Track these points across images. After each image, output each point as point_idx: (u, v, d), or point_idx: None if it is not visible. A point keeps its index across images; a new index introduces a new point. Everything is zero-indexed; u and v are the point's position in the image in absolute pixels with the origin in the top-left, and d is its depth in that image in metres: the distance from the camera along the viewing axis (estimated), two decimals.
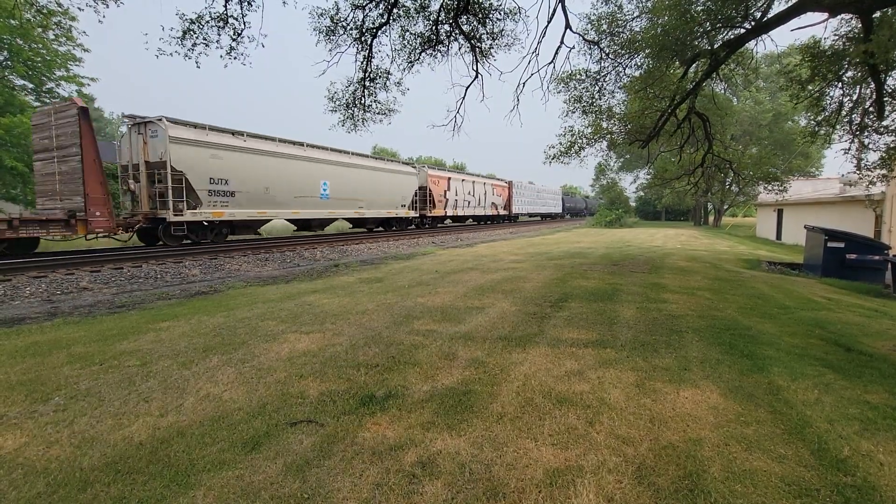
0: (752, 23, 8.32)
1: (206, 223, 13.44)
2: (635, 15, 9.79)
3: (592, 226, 38.05)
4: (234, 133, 14.03)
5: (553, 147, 12.46)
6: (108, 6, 6.44)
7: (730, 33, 8.93)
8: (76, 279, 8.15)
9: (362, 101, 10.01)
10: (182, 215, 12.17)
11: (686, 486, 2.00)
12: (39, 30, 16.92)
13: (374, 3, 8.56)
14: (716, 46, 8.71)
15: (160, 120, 11.93)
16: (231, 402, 2.87)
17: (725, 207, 42.51)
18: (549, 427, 2.53)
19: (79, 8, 6.47)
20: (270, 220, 15.77)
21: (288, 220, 16.94)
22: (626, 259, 11.27)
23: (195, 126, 12.90)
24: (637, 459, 2.21)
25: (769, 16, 8.19)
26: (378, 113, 10.40)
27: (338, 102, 10.05)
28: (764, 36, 8.66)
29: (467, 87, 10.43)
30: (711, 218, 44.66)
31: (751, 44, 9.39)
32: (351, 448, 2.32)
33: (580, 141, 12.04)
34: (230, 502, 1.90)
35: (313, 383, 3.16)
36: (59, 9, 15.48)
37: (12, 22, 15.71)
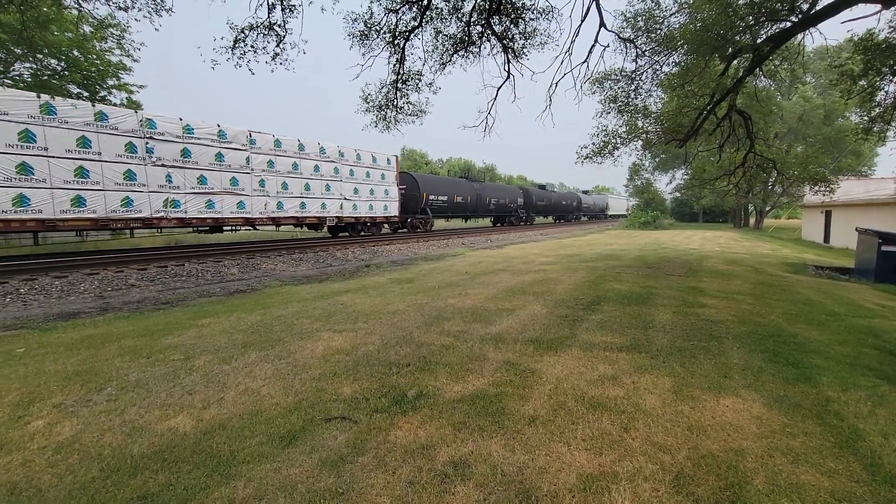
0: (799, 15, 7.95)
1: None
2: (673, 11, 9.52)
3: (625, 227, 37.15)
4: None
5: (586, 147, 12.27)
6: (161, 16, 6.82)
7: (774, 27, 8.56)
8: (125, 276, 8.59)
9: (395, 103, 10.13)
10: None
11: (727, 497, 1.93)
12: (95, 42, 17.96)
13: (407, 5, 8.65)
14: (759, 41, 8.37)
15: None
16: (268, 397, 2.96)
17: (768, 209, 40.58)
18: (583, 432, 2.50)
19: (135, 19, 6.95)
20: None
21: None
22: (662, 262, 10.95)
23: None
24: (675, 468, 2.15)
25: (817, 8, 7.80)
26: (410, 114, 10.50)
27: (371, 104, 10.21)
28: (812, 29, 8.26)
29: (499, 88, 10.36)
30: (752, 220, 42.75)
31: (797, 37, 8.97)
32: (384, 446, 2.35)
33: (614, 141, 11.81)
34: (268, 494, 1.96)
35: (347, 381, 3.23)
36: (114, 20, 16.44)
37: (68, 35, 16.71)
